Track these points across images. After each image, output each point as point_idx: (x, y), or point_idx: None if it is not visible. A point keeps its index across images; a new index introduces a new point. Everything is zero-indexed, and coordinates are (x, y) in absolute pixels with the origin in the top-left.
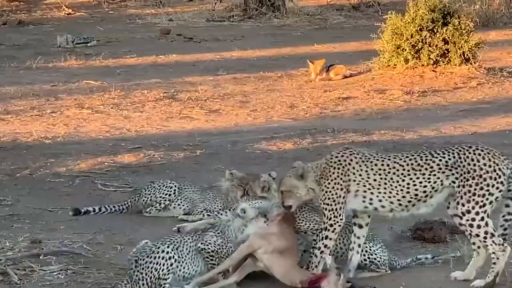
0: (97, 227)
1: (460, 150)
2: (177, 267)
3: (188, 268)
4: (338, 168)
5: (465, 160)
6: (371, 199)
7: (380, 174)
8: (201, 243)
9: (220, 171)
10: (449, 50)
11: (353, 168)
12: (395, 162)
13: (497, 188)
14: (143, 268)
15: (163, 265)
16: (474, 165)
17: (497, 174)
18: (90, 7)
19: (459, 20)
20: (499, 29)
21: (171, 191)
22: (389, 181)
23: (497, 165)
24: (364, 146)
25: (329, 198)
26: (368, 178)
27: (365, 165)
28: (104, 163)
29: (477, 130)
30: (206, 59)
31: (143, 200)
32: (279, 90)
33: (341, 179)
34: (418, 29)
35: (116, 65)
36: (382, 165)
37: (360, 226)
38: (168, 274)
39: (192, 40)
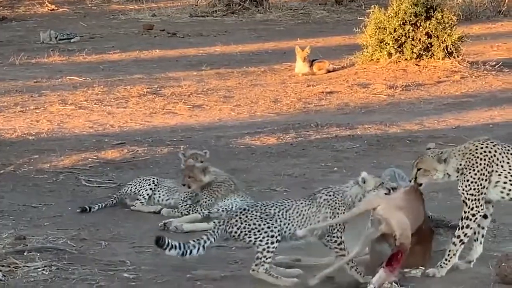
0: (81, 223)
1: None
2: (284, 229)
3: (296, 229)
4: (484, 159)
5: None
6: (510, 189)
7: None
8: None
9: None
10: (432, 44)
11: (497, 159)
12: None
13: None
14: (245, 221)
15: (264, 238)
16: None
17: None
18: (73, 3)
19: (442, 14)
20: (482, 23)
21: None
22: None
23: None
24: (348, 140)
25: (474, 189)
26: (510, 169)
27: (507, 156)
28: (88, 159)
29: (461, 124)
30: (190, 54)
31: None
32: (263, 85)
33: (486, 170)
34: (401, 23)
35: (99, 61)
36: None
37: (485, 217)
38: (268, 253)
39: (176, 35)
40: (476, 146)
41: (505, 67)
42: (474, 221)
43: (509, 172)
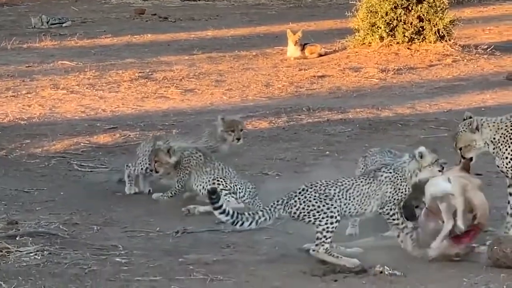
0: (73, 207)
1: None
2: (344, 209)
3: (355, 208)
4: None
5: None
6: None
7: None
8: None
9: None
10: (424, 27)
11: None
12: None
13: None
14: (304, 202)
15: (323, 219)
16: None
17: None
18: None
19: None
20: (474, 6)
21: None
22: None
23: None
24: (339, 124)
25: None
26: None
27: None
28: (79, 144)
29: (453, 107)
30: (181, 38)
31: None
32: (254, 69)
33: None
34: (393, 6)
35: (91, 46)
36: None
37: None
38: (328, 233)
39: (167, 19)
40: (507, 123)
41: (496, 51)
42: None
43: None
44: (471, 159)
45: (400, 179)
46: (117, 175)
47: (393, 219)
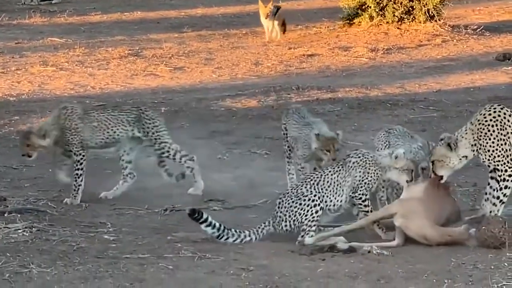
0: (61, 184)
1: None
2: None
3: (331, 201)
4: (496, 125)
5: None
6: None
7: None
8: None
9: (185, 128)
10: (414, 7)
11: (508, 121)
12: None
13: None
14: (287, 211)
15: (308, 211)
16: None
17: None
18: None
19: None
20: None
21: None
22: None
23: None
24: (329, 103)
25: (498, 155)
26: None
27: None
28: None
29: (442, 87)
30: (171, 16)
31: None
32: (244, 47)
33: (500, 134)
34: None
35: (80, 23)
36: None
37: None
38: (313, 222)
39: None
40: (484, 115)
41: (486, 31)
42: (511, 180)
43: None
44: (441, 177)
45: (369, 164)
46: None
47: (364, 206)
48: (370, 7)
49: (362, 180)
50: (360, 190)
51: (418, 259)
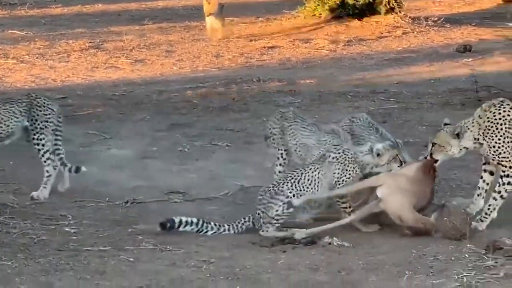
0: (23, 177)
1: None
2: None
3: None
4: (504, 123)
5: None
6: None
7: None
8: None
9: (146, 120)
10: None
11: None
12: None
13: None
14: (265, 207)
15: (280, 206)
16: None
17: None
18: None
19: None
20: None
21: None
22: None
23: None
24: (289, 95)
25: (504, 152)
26: None
27: None
28: None
29: (402, 79)
30: (132, 8)
31: None
32: (205, 39)
33: (508, 131)
34: None
35: (41, 15)
36: None
37: (491, 173)
38: (282, 217)
39: None
40: (492, 112)
41: (446, 23)
42: None
43: None
44: (436, 160)
45: (348, 161)
46: None
47: (342, 202)
48: None
49: (341, 177)
50: (338, 187)
51: (379, 250)
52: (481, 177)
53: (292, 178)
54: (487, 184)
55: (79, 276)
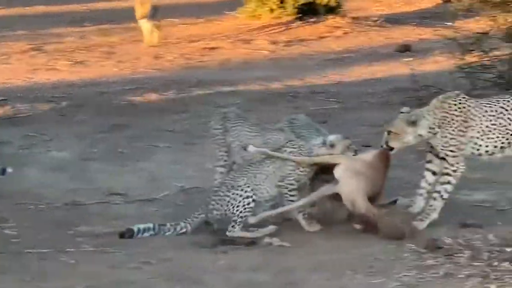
0: None
1: None
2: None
3: (268, 192)
4: (460, 116)
5: None
6: (480, 144)
7: (490, 120)
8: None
9: (86, 122)
10: (314, 0)
11: (472, 114)
12: (500, 107)
13: None
14: (220, 199)
15: (240, 202)
16: None
17: None
18: None
19: None
20: None
21: None
22: (498, 126)
23: None
24: (229, 96)
25: (454, 145)
26: (481, 124)
27: (478, 111)
28: None
29: (342, 79)
30: (73, 10)
31: None
32: (145, 41)
33: (463, 125)
34: None
35: None
36: (491, 110)
37: (434, 173)
38: (244, 213)
39: None
40: (450, 103)
41: (386, 23)
42: (455, 177)
43: (480, 127)
44: (392, 148)
45: (304, 155)
46: None
47: (291, 195)
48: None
49: (294, 171)
50: (289, 180)
51: (319, 250)
52: (424, 177)
53: (249, 173)
54: (429, 184)
55: (19, 278)
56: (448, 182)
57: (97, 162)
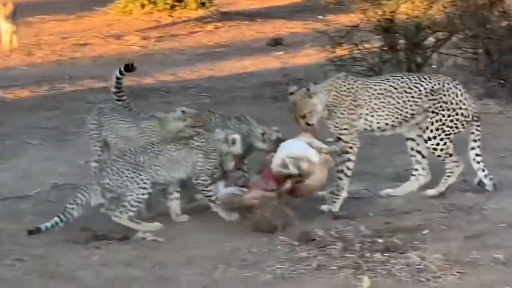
0: None
1: (444, 80)
2: (153, 175)
3: (164, 176)
4: (349, 96)
5: (447, 90)
6: (371, 121)
7: (379, 98)
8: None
9: None
10: None
11: (360, 94)
12: (390, 85)
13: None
14: (118, 171)
15: (135, 190)
16: (451, 97)
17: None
18: None
19: None
20: None
21: None
22: (386, 104)
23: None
24: (102, 92)
25: (346, 123)
26: (370, 101)
27: (367, 90)
28: None
29: (214, 74)
30: None
31: None
32: (16, 37)
33: (352, 105)
34: None
35: None
36: (380, 89)
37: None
38: (137, 203)
39: None
40: (339, 84)
41: (257, 17)
42: (353, 153)
43: (369, 105)
44: (312, 124)
45: (211, 149)
46: None
47: (207, 191)
48: None
49: (204, 166)
50: (202, 177)
51: (192, 244)
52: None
53: (152, 152)
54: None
55: None
56: (348, 160)
57: None
